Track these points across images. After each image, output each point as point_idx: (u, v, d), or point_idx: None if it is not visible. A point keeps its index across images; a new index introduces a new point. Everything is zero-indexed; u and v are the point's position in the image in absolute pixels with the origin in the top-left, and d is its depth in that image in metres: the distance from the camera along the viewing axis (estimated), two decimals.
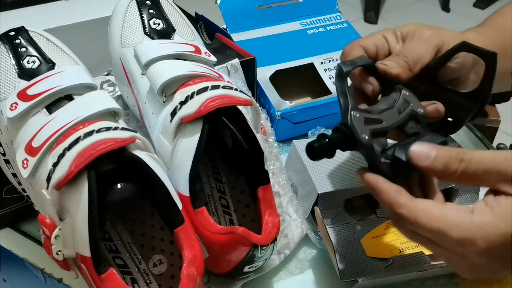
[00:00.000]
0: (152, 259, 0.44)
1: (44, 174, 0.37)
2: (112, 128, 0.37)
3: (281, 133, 0.65)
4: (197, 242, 0.40)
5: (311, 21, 0.77)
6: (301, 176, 0.54)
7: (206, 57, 0.48)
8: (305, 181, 0.53)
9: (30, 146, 0.40)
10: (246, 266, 0.43)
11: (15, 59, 0.44)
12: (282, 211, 0.52)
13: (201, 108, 0.40)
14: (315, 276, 0.50)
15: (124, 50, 0.49)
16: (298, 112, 0.64)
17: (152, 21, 0.49)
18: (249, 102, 0.42)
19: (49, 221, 0.36)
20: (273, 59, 0.69)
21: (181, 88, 0.43)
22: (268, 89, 0.65)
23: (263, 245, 0.41)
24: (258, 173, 0.44)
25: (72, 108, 0.41)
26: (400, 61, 0.45)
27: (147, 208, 0.43)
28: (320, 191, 0.49)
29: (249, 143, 0.43)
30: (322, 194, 0.49)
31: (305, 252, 0.53)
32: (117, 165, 0.38)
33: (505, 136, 1.56)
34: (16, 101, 0.41)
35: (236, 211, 0.47)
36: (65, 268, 0.38)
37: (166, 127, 0.42)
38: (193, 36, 0.51)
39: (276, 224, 0.43)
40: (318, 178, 0.51)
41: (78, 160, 0.35)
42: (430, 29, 0.48)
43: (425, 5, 2.67)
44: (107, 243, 0.43)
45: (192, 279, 0.38)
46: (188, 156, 0.41)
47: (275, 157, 0.54)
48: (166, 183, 0.39)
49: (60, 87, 0.42)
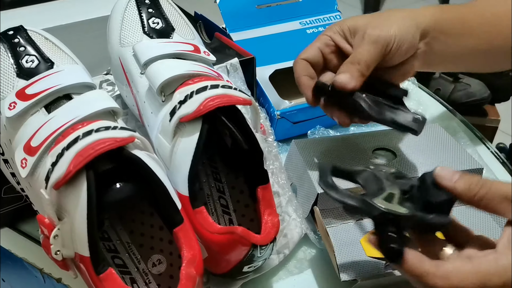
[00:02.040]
0: (151, 259, 0.44)
1: (43, 173, 0.37)
2: (111, 128, 0.37)
3: (281, 133, 0.65)
4: (196, 242, 0.40)
5: (310, 20, 0.77)
6: (301, 176, 0.54)
7: (206, 56, 0.47)
8: (305, 180, 0.53)
9: (28, 145, 0.39)
10: (246, 266, 0.43)
11: (13, 59, 0.44)
12: (282, 210, 0.52)
13: (200, 108, 0.40)
14: (314, 276, 0.50)
15: (123, 50, 0.49)
16: (298, 111, 0.64)
17: (151, 20, 0.49)
18: (248, 102, 0.42)
19: (47, 221, 0.36)
20: (273, 59, 0.69)
21: (180, 88, 0.43)
22: (268, 88, 0.65)
23: (263, 245, 0.41)
24: (257, 173, 0.44)
25: (71, 108, 0.40)
26: (353, 71, 0.47)
27: (146, 207, 0.43)
28: (320, 191, 0.49)
29: (248, 143, 0.43)
30: (321, 194, 0.49)
31: (304, 252, 0.52)
32: (116, 165, 0.38)
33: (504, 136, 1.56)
34: (14, 101, 0.41)
35: (236, 210, 0.47)
36: (64, 268, 0.38)
37: (165, 127, 0.42)
38: (192, 36, 0.51)
39: (276, 224, 0.43)
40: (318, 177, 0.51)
41: (77, 159, 0.35)
42: (378, 25, 0.49)
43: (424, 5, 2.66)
44: (106, 243, 0.43)
45: (191, 279, 0.38)
46: (187, 156, 0.41)
47: (274, 157, 0.54)
48: (165, 182, 0.39)
49: (59, 86, 0.42)
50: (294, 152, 0.56)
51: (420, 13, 0.51)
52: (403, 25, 0.49)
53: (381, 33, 0.48)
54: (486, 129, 1.24)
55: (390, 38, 0.48)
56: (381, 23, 0.49)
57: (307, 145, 0.56)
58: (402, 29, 0.49)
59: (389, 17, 0.50)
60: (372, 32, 0.48)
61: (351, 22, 0.51)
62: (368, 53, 0.48)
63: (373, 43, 0.48)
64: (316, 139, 0.59)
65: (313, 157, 0.54)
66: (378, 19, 0.50)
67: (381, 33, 0.48)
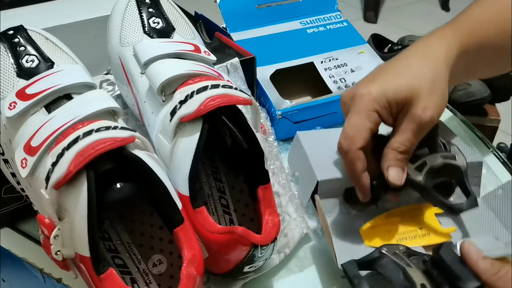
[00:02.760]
0: (152, 258, 0.44)
1: (43, 173, 0.37)
2: (112, 128, 0.37)
3: (282, 133, 0.65)
4: (197, 242, 0.40)
5: (310, 20, 0.77)
6: (303, 166, 0.55)
7: (206, 56, 0.47)
8: (306, 169, 0.53)
9: (29, 145, 0.39)
10: (246, 266, 0.43)
11: (13, 58, 0.44)
12: (282, 210, 0.52)
13: (201, 108, 0.40)
14: (315, 274, 0.50)
15: (123, 49, 0.49)
16: (299, 111, 0.64)
17: (152, 20, 0.49)
18: (248, 102, 0.42)
19: (48, 221, 0.36)
20: (273, 59, 0.69)
21: (180, 88, 0.43)
22: (269, 88, 0.65)
23: (263, 245, 0.41)
24: (258, 172, 0.44)
25: (71, 108, 0.40)
26: (403, 164, 0.45)
27: (146, 207, 0.43)
28: (320, 178, 0.50)
29: (249, 142, 0.43)
30: (321, 181, 0.50)
31: (305, 250, 0.52)
32: (116, 164, 0.37)
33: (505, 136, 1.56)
34: (14, 101, 0.41)
35: (236, 210, 0.47)
36: (64, 268, 0.38)
37: (165, 127, 0.42)
38: (192, 35, 0.50)
39: (276, 224, 0.43)
40: (319, 166, 0.52)
41: (77, 159, 0.35)
42: (425, 97, 0.44)
43: (424, 4, 2.67)
44: (106, 243, 0.43)
45: (191, 279, 0.38)
46: (188, 155, 0.41)
47: (275, 156, 0.54)
48: (165, 182, 0.39)
49: (59, 86, 0.41)
50: (297, 142, 0.57)
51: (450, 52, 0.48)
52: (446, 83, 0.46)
53: (433, 114, 0.44)
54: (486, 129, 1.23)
55: (440, 113, 0.45)
56: (428, 90, 0.44)
57: (310, 136, 0.57)
58: (446, 91, 0.46)
59: (434, 79, 0.45)
60: (422, 116, 0.44)
61: (395, 94, 0.44)
62: (417, 139, 0.45)
63: (422, 127, 0.44)
64: (319, 131, 0.60)
65: (315, 147, 0.54)
66: (423, 82, 0.45)
67: (433, 113, 0.44)
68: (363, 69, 0.70)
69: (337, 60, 0.71)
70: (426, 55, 0.47)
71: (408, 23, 2.41)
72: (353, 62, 0.71)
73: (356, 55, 0.72)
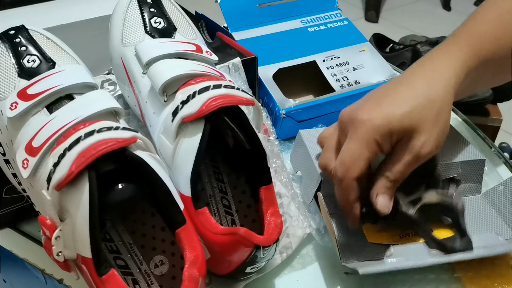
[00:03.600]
0: (154, 259, 0.44)
1: (45, 174, 0.36)
2: (113, 128, 0.37)
3: (285, 132, 0.65)
4: (199, 243, 0.40)
5: (311, 18, 0.77)
6: (306, 164, 0.55)
7: (208, 56, 0.47)
8: (309, 167, 0.54)
9: (30, 146, 0.39)
10: (248, 267, 0.43)
11: (15, 58, 0.43)
12: (284, 211, 0.51)
13: (203, 108, 0.40)
14: (317, 271, 0.50)
15: (124, 49, 0.48)
16: (303, 110, 0.64)
17: (153, 20, 0.49)
18: (251, 102, 0.42)
19: (49, 222, 0.36)
20: (275, 58, 0.69)
21: (182, 88, 0.43)
22: (272, 87, 0.65)
23: (265, 246, 0.41)
24: (260, 173, 0.43)
25: (72, 108, 0.40)
26: (387, 192, 0.44)
27: (148, 208, 0.43)
28: (323, 176, 0.50)
29: (251, 143, 0.43)
30: (325, 179, 0.50)
31: (307, 247, 0.52)
32: (118, 165, 0.37)
33: (507, 136, 1.56)
34: (16, 101, 0.41)
35: (238, 211, 0.47)
36: (65, 269, 0.38)
37: (167, 127, 0.42)
38: (194, 35, 0.50)
39: (278, 225, 0.42)
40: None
41: (79, 160, 0.34)
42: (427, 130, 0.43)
43: (426, 3, 2.66)
44: (108, 244, 0.43)
45: (193, 280, 0.38)
46: (190, 156, 0.40)
47: (276, 155, 0.54)
48: (167, 183, 0.39)
49: (60, 86, 0.41)
50: (299, 141, 0.57)
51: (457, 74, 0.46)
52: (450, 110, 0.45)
53: (432, 149, 0.43)
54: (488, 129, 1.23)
55: (440, 145, 0.44)
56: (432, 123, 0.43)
57: (312, 134, 0.57)
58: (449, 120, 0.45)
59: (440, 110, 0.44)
60: (421, 150, 0.43)
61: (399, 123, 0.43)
62: (410, 170, 0.44)
63: (418, 160, 0.44)
64: (321, 130, 0.60)
65: (317, 145, 0.54)
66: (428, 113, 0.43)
67: (432, 148, 0.43)
68: (365, 67, 0.70)
69: (339, 59, 0.70)
70: (433, 79, 0.46)
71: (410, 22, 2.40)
72: (355, 61, 0.71)
73: (358, 53, 0.72)
